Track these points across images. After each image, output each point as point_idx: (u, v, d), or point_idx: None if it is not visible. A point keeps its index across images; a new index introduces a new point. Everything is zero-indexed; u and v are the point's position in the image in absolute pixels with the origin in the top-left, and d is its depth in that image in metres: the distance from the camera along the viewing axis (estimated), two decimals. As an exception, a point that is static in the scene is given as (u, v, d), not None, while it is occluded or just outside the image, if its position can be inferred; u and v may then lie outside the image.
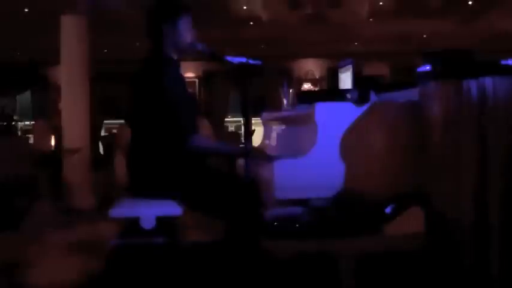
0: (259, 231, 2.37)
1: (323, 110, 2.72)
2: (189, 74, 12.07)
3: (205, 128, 6.17)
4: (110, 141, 8.95)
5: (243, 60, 2.46)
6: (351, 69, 3.32)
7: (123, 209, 2.42)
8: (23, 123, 12.89)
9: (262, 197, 2.47)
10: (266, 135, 3.57)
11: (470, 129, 2.39)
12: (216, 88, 12.56)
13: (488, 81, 2.37)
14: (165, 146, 2.41)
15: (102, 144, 10.03)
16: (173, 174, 2.40)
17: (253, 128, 9.42)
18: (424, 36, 10.39)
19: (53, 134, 8.11)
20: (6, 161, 5.29)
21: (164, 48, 2.49)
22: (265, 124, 3.63)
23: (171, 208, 2.36)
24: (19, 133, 12.41)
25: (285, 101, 3.44)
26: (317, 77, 12.51)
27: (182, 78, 2.51)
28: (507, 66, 2.52)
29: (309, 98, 3.12)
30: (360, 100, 2.81)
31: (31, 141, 8.81)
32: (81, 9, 6.53)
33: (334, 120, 2.69)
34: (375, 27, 9.75)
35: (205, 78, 12.61)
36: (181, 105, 2.39)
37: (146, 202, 2.39)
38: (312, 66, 12.59)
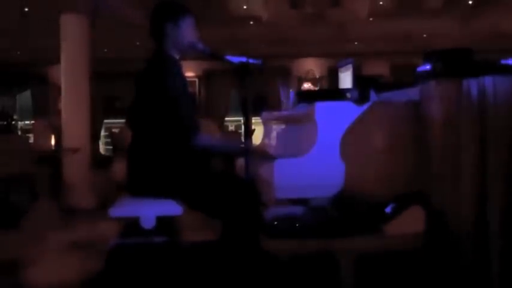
0: (259, 231, 2.37)
1: (323, 110, 2.72)
2: (190, 73, 12.07)
3: (211, 129, 6.18)
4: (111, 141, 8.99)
5: (243, 59, 2.46)
6: (351, 69, 3.32)
7: (123, 209, 2.42)
8: (22, 122, 12.90)
9: (262, 196, 2.47)
10: (266, 135, 3.57)
11: (470, 129, 2.39)
12: (217, 87, 12.55)
13: (488, 81, 2.37)
14: (166, 145, 2.41)
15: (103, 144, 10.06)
16: (174, 173, 2.40)
17: (253, 127, 9.43)
18: (424, 35, 10.38)
19: (53, 133, 8.11)
20: (6, 160, 5.29)
21: (166, 47, 2.51)
22: (265, 123, 3.62)
23: (171, 208, 2.35)
24: (19, 132, 12.42)
25: (285, 101, 3.44)
26: (317, 76, 12.49)
27: (184, 77, 2.52)
28: (507, 65, 2.52)
29: (309, 98, 3.12)
30: (360, 99, 2.81)
31: (31, 140, 8.83)
32: (81, 9, 6.53)
33: (334, 119, 2.69)
34: (375, 26, 9.74)
35: (205, 78, 12.60)
36: (183, 104, 2.39)
37: (146, 202, 2.38)
38: (312, 66, 12.57)
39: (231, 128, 12.91)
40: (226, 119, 12.82)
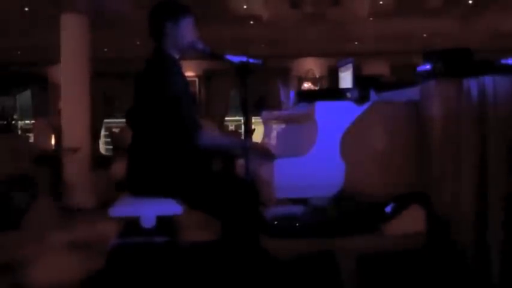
0: (259, 231, 2.37)
1: (323, 109, 2.72)
2: (190, 73, 12.06)
3: (210, 129, 6.18)
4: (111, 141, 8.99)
5: (243, 59, 2.46)
6: (351, 68, 3.32)
7: (124, 208, 2.42)
8: (22, 122, 12.91)
9: (262, 196, 2.47)
10: (266, 135, 3.57)
11: (470, 129, 2.38)
12: (217, 87, 12.55)
13: (488, 80, 2.37)
14: (167, 144, 2.41)
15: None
16: (174, 172, 2.40)
17: (253, 127, 9.44)
18: (424, 35, 10.39)
19: (53, 133, 8.11)
20: (6, 160, 5.29)
21: (166, 47, 2.51)
22: (265, 123, 3.62)
23: (172, 207, 2.35)
24: (19, 132, 12.43)
25: (285, 100, 3.44)
26: (317, 76, 12.48)
27: (184, 76, 2.53)
28: (507, 65, 2.52)
29: (309, 97, 3.12)
30: (360, 99, 2.81)
31: (31, 140, 8.83)
32: (81, 8, 6.53)
33: (334, 119, 2.69)
34: (375, 26, 9.75)
35: (205, 77, 12.60)
36: (184, 103, 2.40)
37: (146, 201, 2.38)
38: (312, 65, 12.56)
39: (231, 127, 12.91)
40: (226, 118, 12.82)
